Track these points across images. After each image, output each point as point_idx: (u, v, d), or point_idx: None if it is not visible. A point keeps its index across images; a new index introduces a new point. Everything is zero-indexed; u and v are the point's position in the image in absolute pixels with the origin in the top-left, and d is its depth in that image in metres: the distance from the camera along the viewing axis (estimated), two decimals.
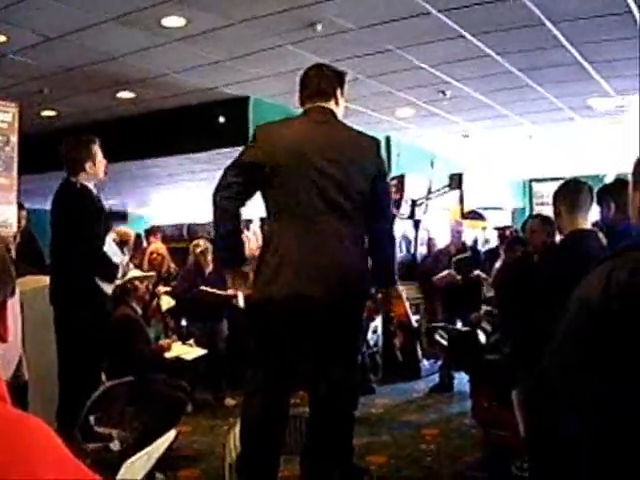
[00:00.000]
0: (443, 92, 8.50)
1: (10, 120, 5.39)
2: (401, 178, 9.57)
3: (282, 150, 3.26)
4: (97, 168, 4.51)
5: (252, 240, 7.31)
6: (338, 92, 3.46)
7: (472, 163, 12.72)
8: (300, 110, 3.56)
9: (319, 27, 6.13)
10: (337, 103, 3.46)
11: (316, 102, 3.40)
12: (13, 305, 1.14)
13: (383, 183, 3.45)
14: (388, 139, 11.32)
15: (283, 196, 3.27)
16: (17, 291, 1.16)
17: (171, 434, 1.97)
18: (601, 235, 3.68)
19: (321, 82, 3.42)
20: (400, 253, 9.67)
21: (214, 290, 6.80)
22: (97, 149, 4.54)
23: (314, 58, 6.96)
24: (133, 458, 1.80)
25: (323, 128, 3.35)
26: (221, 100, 8.62)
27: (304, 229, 3.23)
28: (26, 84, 7.57)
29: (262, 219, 3.48)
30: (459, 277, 7.78)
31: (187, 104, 8.79)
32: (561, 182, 3.89)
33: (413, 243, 9.76)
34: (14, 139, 5.39)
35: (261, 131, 3.42)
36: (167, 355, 5.28)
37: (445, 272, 7.93)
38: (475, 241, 9.92)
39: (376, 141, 3.49)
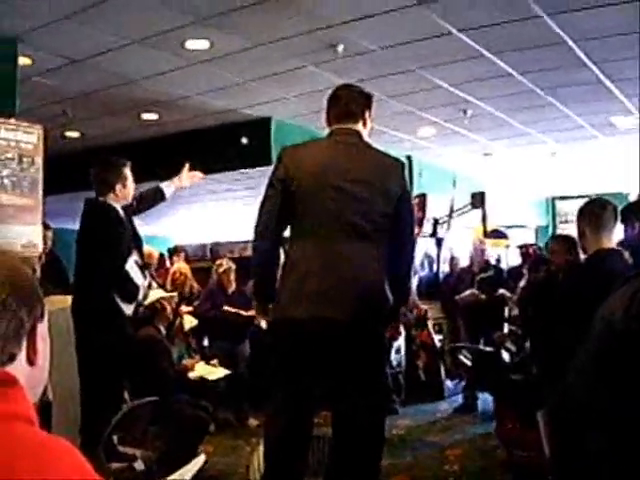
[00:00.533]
0: (464, 111, 8.50)
1: (35, 141, 5.46)
2: (423, 197, 9.57)
3: (305, 171, 3.28)
4: (126, 191, 4.55)
5: None
6: (366, 114, 3.46)
7: (494, 181, 12.68)
8: (323, 130, 3.58)
9: (340, 48, 6.17)
10: (365, 125, 3.46)
11: (343, 123, 3.40)
12: (43, 329, 1.15)
13: (407, 204, 3.44)
14: (410, 158, 11.32)
15: (304, 217, 3.28)
16: (46, 314, 1.17)
17: (201, 459, 1.97)
18: (627, 254, 3.66)
19: (350, 103, 3.42)
20: (422, 272, 9.69)
21: (237, 310, 6.82)
22: (128, 172, 4.59)
23: (336, 79, 7.01)
24: None
25: (348, 150, 3.36)
26: (243, 121, 8.68)
27: (325, 251, 3.23)
28: (50, 106, 7.67)
29: (285, 239, 3.47)
30: (483, 296, 7.73)
31: (210, 125, 8.86)
32: (584, 200, 3.87)
33: (435, 262, 9.73)
34: (39, 160, 5.45)
35: (286, 152, 3.43)
36: (191, 375, 5.29)
37: (468, 292, 7.88)
38: (498, 260, 9.87)
39: (401, 163, 3.50)
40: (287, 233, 3.45)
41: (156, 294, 5.52)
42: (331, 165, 3.30)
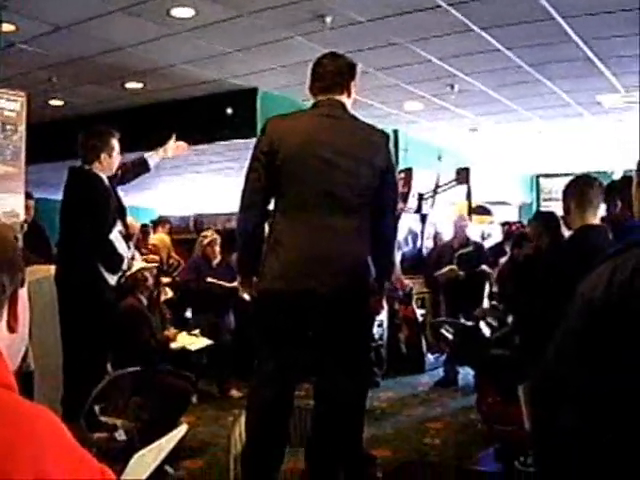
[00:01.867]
0: (452, 86, 8.47)
1: (18, 109, 5.38)
2: (408, 172, 9.57)
3: (290, 143, 3.25)
4: (112, 161, 4.54)
5: None
6: (351, 84, 3.44)
7: (480, 158, 12.69)
8: (309, 102, 3.54)
9: (328, 19, 6.11)
10: (349, 95, 3.44)
11: (328, 94, 3.38)
12: (23, 296, 1.14)
13: (391, 178, 3.43)
14: (396, 132, 11.28)
15: (289, 189, 3.26)
16: (26, 282, 1.16)
17: (182, 429, 1.97)
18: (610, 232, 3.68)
19: (334, 74, 3.39)
20: (407, 247, 9.71)
21: (221, 282, 6.81)
22: (115, 143, 4.57)
23: (323, 50, 6.86)
24: (144, 451, 1.80)
25: (333, 122, 3.33)
26: (229, 92, 8.61)
27: (309, 223, 3.23)
28: (34, 74, 7.57)
29: (269, 212, 3.46)
30: (461, 272, 7.75)
31: (195, 95, 8.78)
32: (569, 178, 3.88)
33: (420, 237, 9.76)
34: (22, 128, 5.38)
35: (270, 124, 3.40)
36: (173, 345, 5.29)
37: (446, 268, 7.91)
38: (482, 236, 9.91)
39: (386, 135, 3.47)
40: (271, 206, 3.44)
41: (137, 265, 5.50)
42: (316, 137, 3.28)
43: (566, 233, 4.33)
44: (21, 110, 5.38)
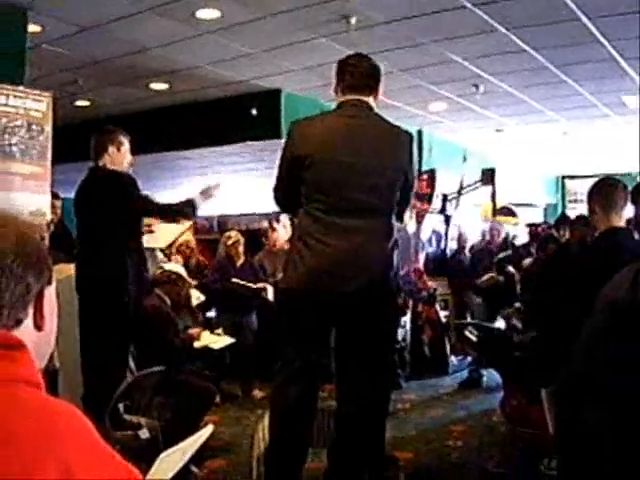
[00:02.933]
0: (476, 86, 8.43)
1: (44, 110, 5.43)
2: (432, 173, 9.53)
3: (316, 146, 3.26)
4: (120, 155, 4.57)
5: (282, 233, 7.30)
6: (379, 86, 3.44)
7: (505, 159, 12.62)
8: (332, 103, 3.55)
9: (353, 20, 6.11)
10: (376, 97, 3.43)
11: (356, 95, 3.37)
12: (50, 295, 1.15)
13: (412, 178, 3.45)
14: (420, 133, 11.25)
15: (315, 191, 3.27)
16: (54, 281, 1.17)
17: (208, 430, 1.98)
18: (636, 234, 3.64)
19: (366, 75, 3.39)
20: (430, 248, 9.68)
21: (245, 282, 6.83)
22: (123, 138, 4.61)
23: (347, 51, 6.87)
24: (169, 451, 1.81)
25: (358, 122, 3.33)
26: (253, 93, 8.63)
27: (333, 223, 3.23)
28: (60, 74, 7.64)
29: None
30: (501, 278, 7.77)
31: (219, 96, 8.81)
32: (594, 180, 3.85)
33: (444, 238, 9.72)
34: (48, 128, 5.43)
35: (296, 128, 3.41)
36: (196, 344, 5.31)
37: (487, 276, 7.92)
38: (506, 238, 9.85)
39: (410, 135, 3.47)
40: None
41: (177, 268, 5.60)
42: (342, 139, 3.29)
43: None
44: (47, 110, 5.43)
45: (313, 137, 3.31)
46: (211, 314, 7.43)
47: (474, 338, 5.23)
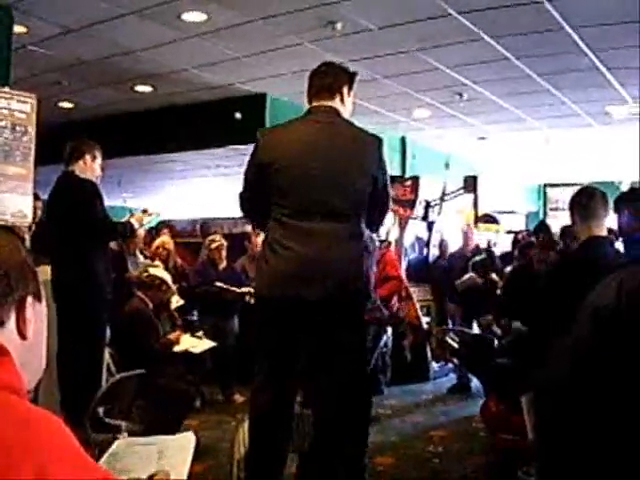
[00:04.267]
0: (460, 94, 8.48)
1: (28, 111, 5.40)
2: (415, 179, 9.56)
3: (282, 153, 3.27)
4: (94, 164, 4.85)
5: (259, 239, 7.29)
6: (345, 90, 3.42)
7: (487, 166, 12.69)
8: None
9: (339, 26, 6.13)
10: (342, 101, 3.42)
11: (320, 100, 3.37)
12: (37, 308, 1.15)
13: (383, 181, 3.39)
14: (404, 140, 11.32)
15: (283, 197, 3.26)
16: (44, 299, 1.17)
17: (191, 438, 1.96)
18: (619, 243, 3.68)
19: (327, 79, 3.39)
20: (413, 254, 9.71)
21: (227, 286, 6.82)
22: (98, 153, 4.91)
23: (333, 57, 6.94)
24: (136, 440, 1.79)
25: (324, 128, 3.33)
26: (238, 97, 8.64)
27: (301, 230, 3.22)
28: (44, 75, 7.62)
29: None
30: (479, 280, 7.78)
31: (204, 100, 8.81)
32: (574, 188, 3.89)
33: (426, 245, 9.75)
34: (31, 130, 5.40)
35: (263, 135, 3.42)
36: (176, 349, 5.29)
37: (467, 276, 7.92)
38: (489, 244, 9.90)
39: (378, 139, 3.45)
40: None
41: (162, 273, 5.60)
42: (308, 145, 3.28)
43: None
44: (31, 112, 5.40)
45: (279, 144, 3.32)
46: (192, 317, 7.40)
47: (455, 345, 5.26)
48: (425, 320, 8.61)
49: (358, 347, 3.43)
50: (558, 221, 10.80)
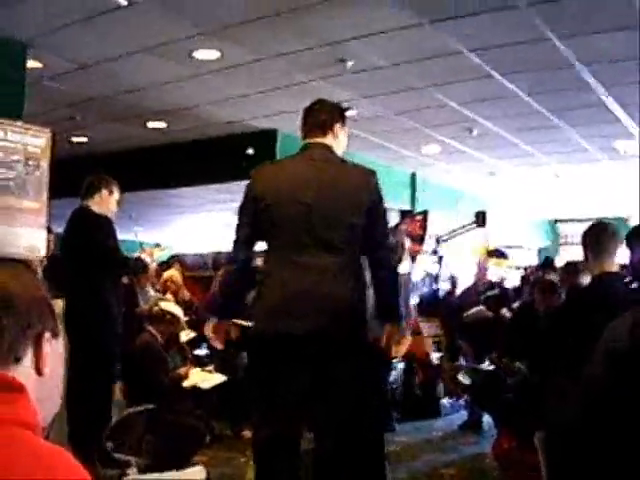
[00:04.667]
0: (470, 130, 8.53)
1: (42, 145, 5.45)
2: (424, 214, 9.59)
3: (274, 189, 3.27)
4: (110, 199, 4.93)
5: None
6: (337, 126, 3.44)
7: (497, 201, 12.71)
8: None
9: (349, 63, 6.20)
10: (335, 137, 3.44)
11: (313, 137, 3.40)
12: (54, 344, 1.16)
13: (379, 214, 3.36)
14: (414, 175, 11.37)
15: (275, 233, 3.27)
16: (61, 334, 1.19)
17: (202, 475, 1.96)
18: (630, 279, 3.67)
19: (319, 116, 3.42)
20: (423, 289, 9.69)
21: (237, 320, 6.80)
22: (115, 189, 4.99)
23: (343, 94, 7.04)
24: (145, 477, 1.79)
25: (316, 164, 3.34)
26: (250, 133, 8.72)
27: (292, 265, 3.21)
28: (58, 110, 7.71)
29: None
30: (489, 313, 7.73)
31: (216, 135, 8.89)
32: (586, 223, 3.89)
33: (436, 279, 9.74)
34: (44, 164, 5.44)
35: (256, 172, 3.44)
36: (185, 383, 5.28)
37: (475, 309, 7.89)
38: (501, 280, 9.88)
39: (371, 173, 3.43)
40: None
41: (173, 307, 5.62)
42: (299, 181, 3.28)
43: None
44: (45, 146, 5.45)
45: (271, 180, 3.33)
46: (202, 352, 7.39)
47: (466, 381, 5.23)
48: (436, 355, 8.56)
49: (357, 381, 3.35)
50: (569, 256, 10.77)
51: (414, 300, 8.69)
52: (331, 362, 3.20)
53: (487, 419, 7.19)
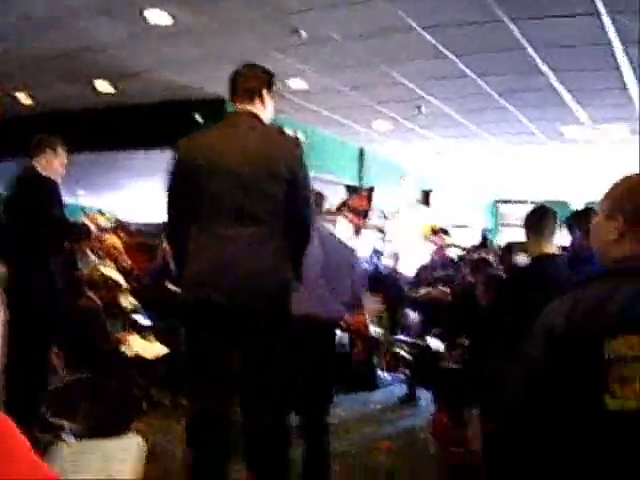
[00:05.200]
0: (419, 108, 8.58)
1: None
2: (371, 190, 9.64)
3: (198, 160, 3.25)
4: (57, 161, 4.80)
5: None
6: (265, 92, 3.41)
7: (442, 181, 12.84)
8: (278, 114, 3.54)
9: (303, 34, 6.14)
10: (263, 104, 3.40)
11: (241, 104, 3.36)
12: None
13: (299, 187, 3.31)
14: (362, 151, 11.39)
15: (200, 204, 3.24)
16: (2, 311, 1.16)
17: (138, 442, 1.95)
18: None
19: (248, 83, 3.38)
20: (366, 265, 9.77)
21: (171, 286, 6.76)
22: (62, 150, 4.86)
23: (296, 65, 7.00)
24: (81, 444, 1.78)
25: (240, 133, 3.30)
26: (200, 99, 8.59)
27: (215, 236, 3.21)
28: (3, 68, 7.47)
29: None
30: (439, 293, 7.85)
31: (165, 100, 8.73)
32: (527, 205, 3.98)
33: (379, 255, 9.82)
34: None
35: (181, 143, 3.39)
36: (127, 352, 5.24)
37: (424, 290, 8.02)
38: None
39: (296, 142, 3.45)
40: None
41: (113, 273, 5.54)
42: (222, 150, 3.25)
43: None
44: None
45: (197, 151, 3.29)
46: (143, 319, 7.32)
47: (407, 355, 5.30)
48: (376, 330, 8.65)
49: (274, 356, 3.30)
50: (509, 236, 10.97)
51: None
52: (252, 334, 3.21)
53: (425, 394, 7.33)
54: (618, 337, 1.64)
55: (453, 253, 9.02)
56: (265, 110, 3.42)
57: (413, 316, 8.50)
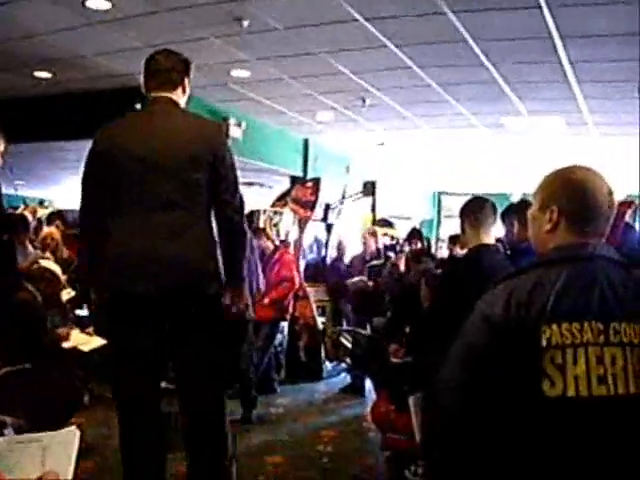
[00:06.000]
0: (363, 99, 8.61)
1: None
2: (317, 181, 9.64)
3: (116, 148, 3.21)
4: None
5: None
6: (185, 81, 3.39)
7: (386, 172, 12.92)
8: (223, 104, 3.53)
9: (245, 23, 6.09)
10: (184, 91, 3.39)
11: (160, 92, 3.31)
12: None
13: (222, 170, 3.24)
14: (306, 141, 11.40)
15: (118, 192, 3.20)
16: None
17: (75, 436, 1.91)
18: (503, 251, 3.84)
19: (167, 71, 3.33)
20: (311, 254, 9.80)
21: None
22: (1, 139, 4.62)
23: (238, 53, 6.95)
24: (18, 438, 1.75)
25: (159, 120, 3.27)
26: (139, 87, 8.46)
27: (133, 224, 3.18)
28: None
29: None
30: (370, 283, 7.94)
31: (105, 88, 8.57)
32: (467, 197, 4.03)
33: (324, 246, 9.85)
34: None
35: (100, 132, 3.35)
36: (65, 345, 5.16)
37: (357, 278, 8.10)
38: (387, 248, 10.10)
39: (216, 126, 3.43)
40: None
41: (52, 265, 5.43)
42: (140, 137, 3.23)
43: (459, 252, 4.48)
44: None
45: (115, 139, 3.26)
46: (83, 312, 7.20)
47: (348, 344, 5.34)
48: (320, 320, 8.70)
49: (206, 344, 3.28)
50: (451, 228, 11.10)
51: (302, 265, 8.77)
52: (174, 323, 3.20)
53: (369, 383, 7.39)
54: (553, 325, 1.68)
55: (381, 243, 9.10)
56: (184, 96, 3.40)
57: (348, 307, 8.60)
